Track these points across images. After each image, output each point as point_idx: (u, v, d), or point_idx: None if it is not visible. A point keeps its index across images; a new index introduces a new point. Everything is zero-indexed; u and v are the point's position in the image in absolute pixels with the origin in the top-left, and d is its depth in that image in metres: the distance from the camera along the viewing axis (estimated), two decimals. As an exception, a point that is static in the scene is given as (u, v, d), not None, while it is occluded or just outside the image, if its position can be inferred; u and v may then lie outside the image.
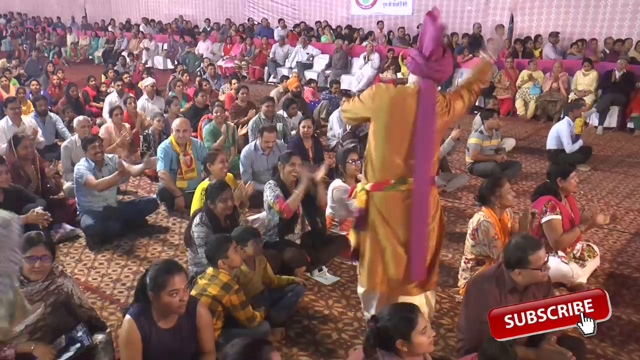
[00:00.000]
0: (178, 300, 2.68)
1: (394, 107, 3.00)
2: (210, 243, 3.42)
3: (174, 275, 2.67)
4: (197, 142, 6.18)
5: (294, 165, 4.50)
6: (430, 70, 2.95)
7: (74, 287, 3.14)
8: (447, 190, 6.42)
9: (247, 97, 8.68)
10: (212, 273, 3.35)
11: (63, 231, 5.09)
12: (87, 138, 5.14)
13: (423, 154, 3.03)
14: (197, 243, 3.98)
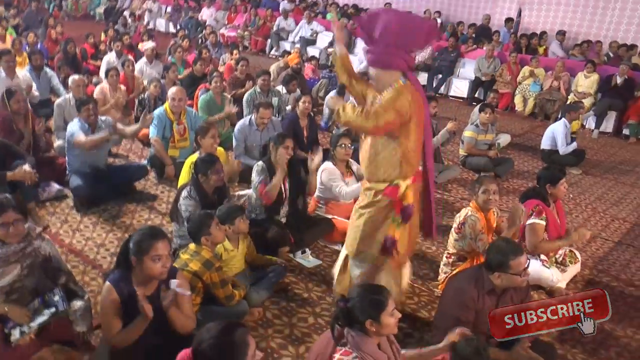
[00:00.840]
0: (160, 266, 2.69)
1: (416, 104, 3.13)
2: (193, 220, 3.42)
3: (158, 241, 2.68)
4: (192, 111, 6.13)
5: (287, 148, 4.47)
6: (411, 61, 3.12)
7: (52, 250, 3.14)
8: (437, 182, 6.42)
9: (246, 69, 8.59)
10: (195, 249, 3.36)
11: (51, 190, 5.08)
12: (82, 100, 5.09)
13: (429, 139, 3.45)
14: (183, 216, 3.97)
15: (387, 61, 3.07)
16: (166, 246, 2.71)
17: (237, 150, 6.01)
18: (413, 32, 3.00)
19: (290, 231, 4.48)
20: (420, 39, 3.04)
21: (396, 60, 3.05)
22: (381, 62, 3.09)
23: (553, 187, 4.35)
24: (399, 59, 3.05)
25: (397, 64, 3.07)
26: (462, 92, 11.67)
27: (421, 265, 4.55)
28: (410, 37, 3.00)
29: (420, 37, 3.03)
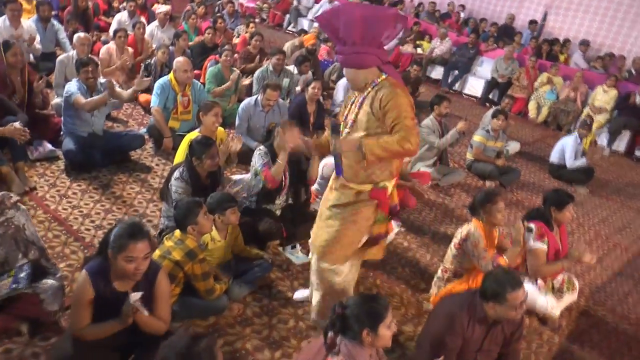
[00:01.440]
0: (133, 267, 2.52)
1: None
2: (180, 206, 3.25)
3: (135, 242, 2.50)
4: (198, 84, 5.93)
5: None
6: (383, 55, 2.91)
7: (27, 222, 2.99)
8: (440, 185, 6.26)
9: (260, 44, 8.37)
10: (179, 237, 3.20)
11: (43, 150, 4.91)
12: (82, 60, 4.88)
13: None
14: (173, 197, 3.82)
15: (357, 60, 2.85)
16: (143, 248, 2.52)
17: (239, 129, 5.83)
18: (376, 25, 2.76)
19: (284, 224, 4.32)
20: (384, 30, 2.79)
21: (367, 58, 2.84)
22: (352, 62, 2.88)
23: (558, 211, 4.17)
24: (369, 57, 2.84)
25: (368, 61, 2.85)
26: (477, 91, 11.44)
27: (413, 274, 4.41)
28: (375, 30, 2.77)
29: (385, 28, 2.79)
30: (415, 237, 4.99)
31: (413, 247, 4.81)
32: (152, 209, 4.50)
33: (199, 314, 3.33)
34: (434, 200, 5.93)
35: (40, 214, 4.10)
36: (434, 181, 6.20)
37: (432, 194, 6.03)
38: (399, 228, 4.95)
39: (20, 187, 4.28)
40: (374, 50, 2.82)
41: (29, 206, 4.16)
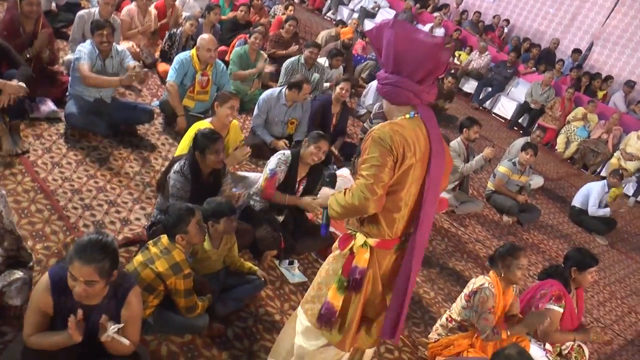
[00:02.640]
0: (76, 288, 2.19)
1: (417, 145, 2.27)
2: (171, 212, 2.89)
3: (80, 262, 2.14)
4: (220, 65, 5.57)
5: (319, 149, 3.99)
6: (423, 95, 2.30)
7: (5, 209, 2.66)
8: (456, 212, 5.92)
9: (293, 29, 8.00)
10: (167, 245, 2.87)
11: (45, 109, 4.59)
12: (98, 23, 4.53)
13: (433, 198, 2.33)
14: (170, 191, 3.50)
15: (390, 93, 2.32)
16: (85, 273, 2.15)
17: (257, 120, 5.49)
18: (416, 53, 2.21)
19: (284, 234, 4.01)
20: (426, 62, 2.22)
21: (401, 94, 2.29)
22: (384, 93, 2.36)
23: (579, 273, 3.85)
24: (403, 92, 2.28)
25: (402, 97, 2.30)
26: (507, 113, 11.04)
27: (413, 311, 4.09)
28: (414, 61, 2.22)
29: (427, 60, 2.21)
30: (422, 269, 4.65)
31: (418, 280, 4.48)
32: (149, 194, 4.18)
33: (175, 330, 3.02)
34: (446, 229, 5.58)
35: (27, 181, 3.79)
36: (450, 208, 5.85)
37: (446, 222, 5.68)
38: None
39: (12, 148, 3.98)
40: (411, 85, 2.26)
41: (18, 170, 3.86)
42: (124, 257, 3.33)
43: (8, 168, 3.84)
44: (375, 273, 2.42)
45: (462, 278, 4.75)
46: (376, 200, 2.20)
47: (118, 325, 2.26)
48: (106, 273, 2.22)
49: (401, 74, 2.27)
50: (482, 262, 5.16)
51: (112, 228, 3.67)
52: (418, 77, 2.25)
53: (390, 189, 2.27)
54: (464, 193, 6.08)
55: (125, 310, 2.39)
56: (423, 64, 2.22)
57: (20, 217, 3.42)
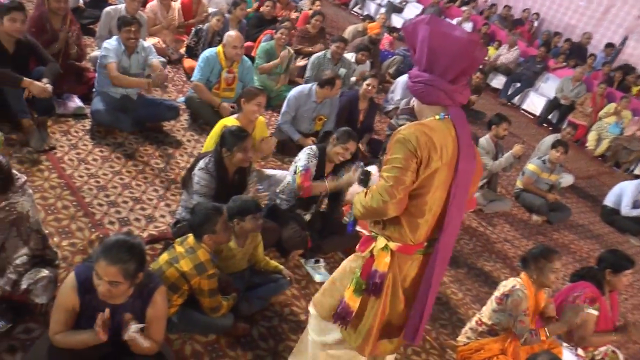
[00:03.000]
0: (101, 287, 2.18)
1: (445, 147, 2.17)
2: (197, 213, 2.86)
3: (105, 262, 2.14)
4: (247, 62, 5.53)
5: (346, 149, 3.89)
6: (456, 95, 2.18)
7: (31, 208, 2.65)
8: (484, 211, 5.79)
9: (320, 24, 7.91)
10: (192, 244, 2.84)
11: (71, 105, 4.62)
12: (125, 19, 4.53)
13: (459, 204, 2.22)
14: (194, 188, 3.46)
15: (421, 92, 2.20)
16: (110, 273, 2.14)
17: (285, 116, 5.42)
18: (451, 55, 2.09)
19: (311, 233, 3.96)
20: (461, 61, 2.11)
21: (432, 93, 2.17)
22: (415, 92, 2.24)
23: (614, 275, 3.73)
24: (435, 91, 2.16)
25: (433, 97, 2.18)
26: (536, 109, 10.80)
27: (441, 312, 4.00)
28: (448, 58, 2.10)
29: (462, 58, 2.10)
30: (449, 269, 4.55)
31: (445, 280, 4.39)
32: (174, 192, 4.16)
33: (200, 330, 2.99)
34: (475, 228, 5.47)
35: (54, 177, 3.81)
36: (479, 206, 5.73)
37: (474, 221, 5.57)
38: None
39: (39, 144, 4.00)
40: (443, 84, 2.14)
41: (45, 167, 3.87)
42: (148, 255, 3.29)
43: (35, 164, 3.86)
44: (395, 277, 2.35)
45: (490, 279, 4.64)
46: (395, 204, 2.13)
47: (140, 325, 2.24)
48: (131, 275, 2.20)
49: (434, 72, 2.15)
50: (510, 263, 5.04)
51: (137, 225, 3.66)
52: (451, 76, 2.14)
53: (414, 193, 2.18)
54: (493, 191, 5.95)
55: (150, 310, 2.37)
56: (457, 62, 2.11)
57: (46, 213, 3.43)
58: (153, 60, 4.71)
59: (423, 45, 2.13)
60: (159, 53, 6.08)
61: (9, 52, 4.03)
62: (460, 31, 2.12)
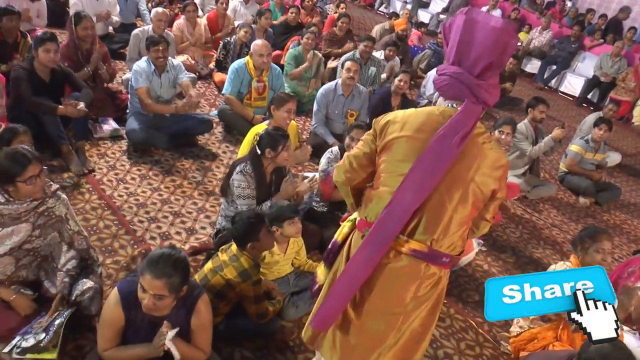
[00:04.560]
0: (146, 300, 2.20)
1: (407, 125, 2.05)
2: (239, 222, 2.86)
3: (151, 275, 2.17)
4: (276, 69, 5.55)
5: (352, 139, 3.85)
6: (481, 91, 1.98)
7: (69, 211, 2.74)
8: (528, 197, 5.63)
9: (346, 26, 7.92)
10: (235, 252, 2.84)
11: (107, 128, 4.72)
12: (153, 39, 4.61)
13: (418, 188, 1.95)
14: (235, 193, 3.48)
15: (444, 85, 2.04)
16: (156, 286, 2.17)
17: (317, 115, 5.42)
18: (481, 44, 1.93)
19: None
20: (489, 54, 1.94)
21: (455, 86, 2.00)
22: (439, 84, 2.07)
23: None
24: (458, 85, 1.99)
25: (455, 90, 2.01)
26: (575, 90, 10.50)
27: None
28: (478, 51, 1.95)
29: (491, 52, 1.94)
30: (497, 260, 4.44)
31: (494, 271, 4.28)
32: (212, 203, 4.20)
33: (248, 336, 2.99)
34: (520, 215, 5.32)
35: (94, 199, 3.89)
36: (522, 193, 5.58)
37: (518, 208, 5.42)
38: (479, 247, 4.41)
39: (79, 168, 4.10)
40: (469, 79, 1.98)
41: (85, 189, 3.97)
42: (192, 267, 3.32)
43: (77, 188, 3.95)
44: (343, 254, 2.25)
45: (540, 266, 4.50)
46: (344, 172, 2.21)
47: (174, 330, 2.25)
48: (175, 289, 2.22)
49: (461, 65, 2.00)
50: (560, 248, 4.87)
51: (178, 238, 3.70)
52: (479, 69, 1.96)
53: (377, 166, 2.14)
54: (535, 177, 5.79)
55: (194, 319, 2.38)
56: (487, 52, 1.94)
57: (89, 233, 3.50)
58: (184, 80, 4.79)
59: (455, 36, 2.01)
60: (188, 69, 6.19)
61: (45, 82, 4.17)
62: (495, 21, 1.96)
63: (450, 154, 1.93)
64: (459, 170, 1.98)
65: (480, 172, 1.99)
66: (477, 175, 1.99)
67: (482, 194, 2.03)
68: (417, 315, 2.11)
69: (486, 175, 2.00)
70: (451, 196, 1.99)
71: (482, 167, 1.99)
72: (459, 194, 1.99)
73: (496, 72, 2.03)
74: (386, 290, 2.08)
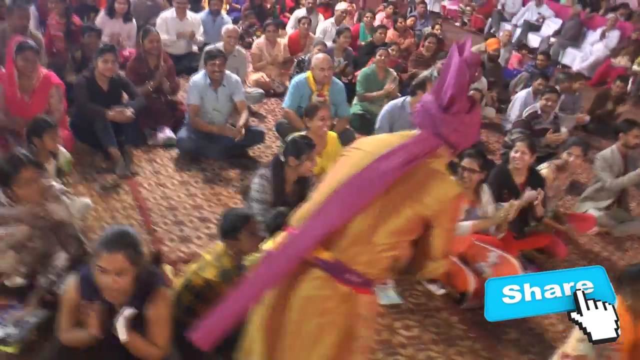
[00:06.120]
0: (105, 281, 2.18)
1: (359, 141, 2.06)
2: (225, 218, 2.82)
3: (109, 252, 2.16)
4: (338, 84, 5.47)
5: None
6: (443, 126, 1.83)
7: (67, 215, 2.88)
8: (612, 234, 4.95)
9: (433, 47, 7.69)
10: (219, 252, 2.79)
11: (162, 136, 4.93)
12: (210, 53, 4.76)
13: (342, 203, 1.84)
14: (251, 196, 3.47)
15: (415, 112, 1.97)
16: (115, 261, 2.15)
17: (379, 133, 5.22)
18: (446, 75, 1.83)
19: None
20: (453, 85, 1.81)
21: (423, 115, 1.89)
22: (412, 112, 2.11)
23: None
24: (426, 114, 1.88)
25: (420, 119, 1.91)
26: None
27: (531, 344, 3.42)
28: (445, 80, 1.83)
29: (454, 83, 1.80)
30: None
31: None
32: (244, 212, 4.18)
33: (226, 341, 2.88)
34: (597, 252, 4.69)
35: (129, 199, 4.05)
36: (603, 228, 4.92)
37: (596, 245, 4.78)
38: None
39: (122, 170, 4.31)
40: (436, 109, 1.86)
41: (123, 190, 4.15)
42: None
43: (115, 188, 4.15)
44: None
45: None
46: None
47: (130, 310, 2.23)
48: (134, 260, 2.21)
49: (436, 95, 1.88)
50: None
51: (197, 243, 3.71)
52: (446, 100, 1.82)
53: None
54: (624, 210, 5.09)
55: (150, 310, 2.33)
56: (451, 82, 1.81)
57: (111, 230, 3.64)
58: (237, 100, 4.88)
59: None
60: (263, 87, 6.36)
61: (104, 90, 4.47)
62: (465, 51, 1.82)
63: (386, 176, 1.82)
64: (396, 193, 1.83)
65: (421, 199, 1.83)
66: (416, 202, 1.83)
67: (414, 220, 1.86)
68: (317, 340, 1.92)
69: (426, 204, 1.84)
70: (379, 216, 1.85)
71: (424, 196, 1.83)
72: (389, 215, 1.84)
73: (461, 106, 1.83)
74: (290, 304, 1.93)
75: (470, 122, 1.86)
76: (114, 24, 6.24)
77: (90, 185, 4.12)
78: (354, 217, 1.83)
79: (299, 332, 1.92)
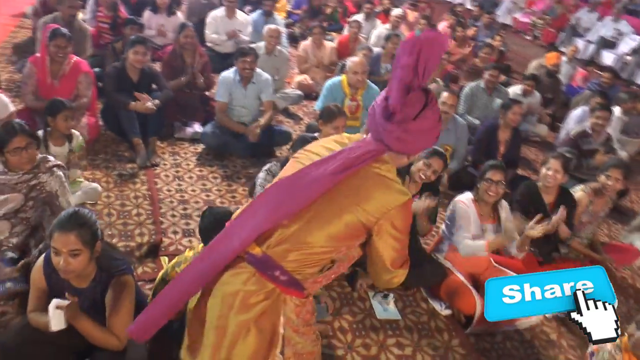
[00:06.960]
0: (58, 261, 2.16)
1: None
2: (207, 216, 2.72)
3: (61, 233, 2.14)
4: (373, 88, 5.30)
5: (428, 166, 3.43)
6: (385, 134, 1.70)
7: (60, 188, 2.90)
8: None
9: (489, 57, 7.35)
10: (199, 250, 2.71)
11: (190, 130, 4.94)
12: (242, 50, 4.73)
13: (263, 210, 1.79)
14: (256, 191, 3.41)
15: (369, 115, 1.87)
16: (68, 242, 2.14)
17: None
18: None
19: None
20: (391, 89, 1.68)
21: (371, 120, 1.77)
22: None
23: None
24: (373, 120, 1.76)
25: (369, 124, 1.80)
26: None
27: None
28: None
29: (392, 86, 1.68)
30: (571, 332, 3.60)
31: (563, 344, 3.47)
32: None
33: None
34: (637, 288, 4.29)
35: (143, 189, 4.06)
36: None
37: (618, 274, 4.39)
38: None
39: (143, 160, 4.34)
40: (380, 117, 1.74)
41: (139, 180, 4.17)
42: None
43: (132, 177, 4.18)
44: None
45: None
46: None
47: (61, 301, 2.21)
48: (88, 242, 2.19)
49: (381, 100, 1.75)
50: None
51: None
52: (389, 107, 1.69)
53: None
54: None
55: (108, 296, 2.31)
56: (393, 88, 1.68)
57: (117, 217, 3.66)
58: (265, 99, 4.83)
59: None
60: (305, 89, 6.30)
61: (134, 81, 4.53)
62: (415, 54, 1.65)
63: (318, 182, 1.72)
64: (340, 197, 1.73)
65: (363, 206, 1.73)
66: (358, 208, 1.73)
67: (356, 226, 1.75)
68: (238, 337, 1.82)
69: (367, 211, 1.73)
70: (317, 219, 1.75)
71: (366, 202, 1.73)
72: (329, 219, 1.74)
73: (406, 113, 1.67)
74: (213, 297, 1.85)
75: (418, 129, 1.70)
76: (159, 18, 6.39)
77: (108, 173, 4.16)
78: (283, 219, 1.74)
79: (224, 327, 1.83)
